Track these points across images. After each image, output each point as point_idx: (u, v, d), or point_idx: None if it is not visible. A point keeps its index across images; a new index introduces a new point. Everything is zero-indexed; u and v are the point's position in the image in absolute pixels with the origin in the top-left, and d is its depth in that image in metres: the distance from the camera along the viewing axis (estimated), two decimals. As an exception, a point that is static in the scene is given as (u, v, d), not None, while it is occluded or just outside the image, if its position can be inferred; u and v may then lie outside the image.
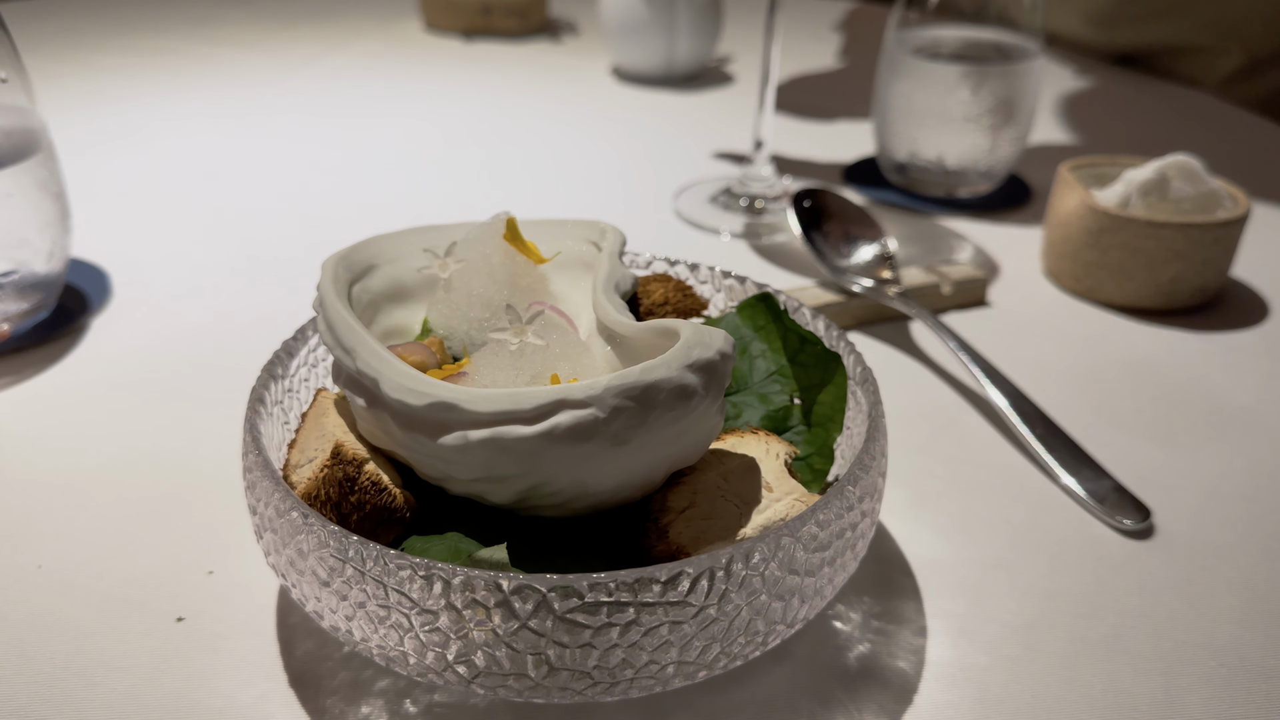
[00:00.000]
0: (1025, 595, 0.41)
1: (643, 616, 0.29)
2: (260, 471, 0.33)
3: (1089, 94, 1.00)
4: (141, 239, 0.68)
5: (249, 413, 0.35)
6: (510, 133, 0.89)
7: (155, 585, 0.40)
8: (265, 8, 1.23)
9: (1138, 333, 0.60)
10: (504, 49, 1.11)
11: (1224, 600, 0.41)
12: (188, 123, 0.88)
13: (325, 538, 0.30)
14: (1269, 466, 0.49)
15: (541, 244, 0.43)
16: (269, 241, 0.68)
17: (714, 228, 0.71)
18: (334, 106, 0.94)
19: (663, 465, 0.33)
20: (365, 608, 0.30)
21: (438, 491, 0.34)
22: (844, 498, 0.32)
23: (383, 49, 1.10)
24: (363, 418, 0.34)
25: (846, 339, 0.41)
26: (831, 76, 1.05)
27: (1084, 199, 0.61)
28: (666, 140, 0.87)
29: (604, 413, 0.30)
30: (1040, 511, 0.46)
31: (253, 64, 1.04)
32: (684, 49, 0.98)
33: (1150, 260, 0.59)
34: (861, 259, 0.61)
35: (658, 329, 0.35)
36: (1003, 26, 0.71)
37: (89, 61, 1.02)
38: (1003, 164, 0.74)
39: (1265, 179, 0.80)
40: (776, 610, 0.31)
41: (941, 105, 0.71)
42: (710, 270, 0.45)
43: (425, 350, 0.37)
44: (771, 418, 0.39)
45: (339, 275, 0.38)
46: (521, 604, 0.28)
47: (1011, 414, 0.50)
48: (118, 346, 0.56)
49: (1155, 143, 0.86)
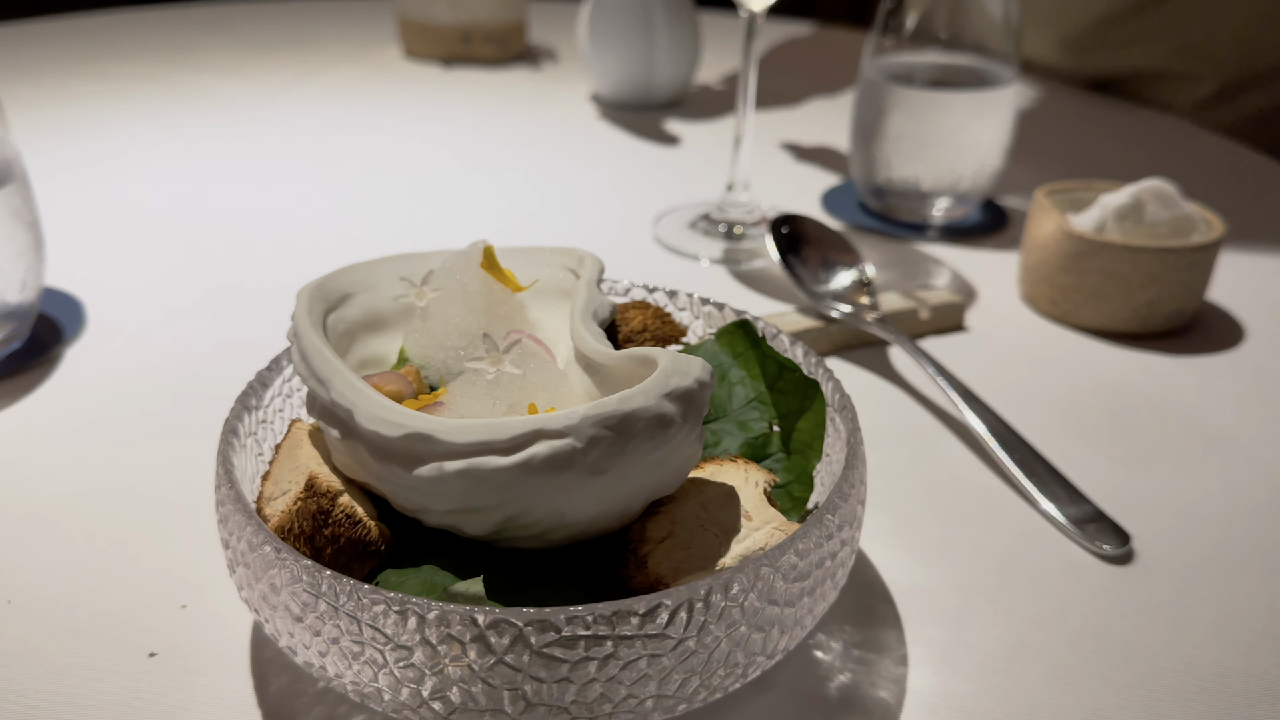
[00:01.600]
0: (1006, 622, 0.41)
1: (621, 650, 0.29)
2: (233, 505, 0.32)
3: (1064, 119, 1.01)
4: (117, 268, 0.67)
5: (222, 444, 0.35)
6: (489, 159, 0.89)
7: (127, 620, 0.39)
8: (244, 34, 1.23)
9: (1115, 357, 0.60)
10: (483, 76, 1.11)
11: (1205, 625, 0.41)
12: (164, 150, 0.88)
13: (298, 572, 0.30)
14: (1247, 489, 0.49)
15: (519, 271, 0.43)
16: (245, 270, 0.68)
17: (693, 254, 0.72)
18: (312, 134, 0.94)
19: (641, 495, 0.33)
20: (339, 643, 0.30)
21: (414, 524, 0.34)
22: (823, 526, 0.32)
23: (362, 76, 1.10)
24: (337, 449, 0.34)
25: (825, 365, 0.41)
26: (808, 102, 1.06)
27: (1060, 224, 0.61)
28: (646, 166, 0.88)
29: (581, 442, 0.30)
30: (1020, 537, 0.45)
31: (230, 91, 1.04)
32: (662, 75, 0.98)
33: (1126, 284, 0.60)
34: (839, 284, 0.61)
35: (636, 357, 0.35)
36: (978, 53, 0.71)
37: (65, 88, 1.02)
38: (979, 189, 0.75)
39: (1239, 203, 0.81)
40: (756, 641, 0.31)
41: (917, 131, 0.71)
42: (689, 297, 0.45)
43: (401, 380, 0.37)
44: (750, 445, 0.39)
45: (314, 305, 0.37)
46: (497, 638, 0.28)
47: (990, 439, 0.50)
48: (91, 376, 0.55)
49: (1130, 167, 0.87)
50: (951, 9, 0.70)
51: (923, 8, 0.70)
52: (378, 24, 1.28)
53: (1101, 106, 1.05)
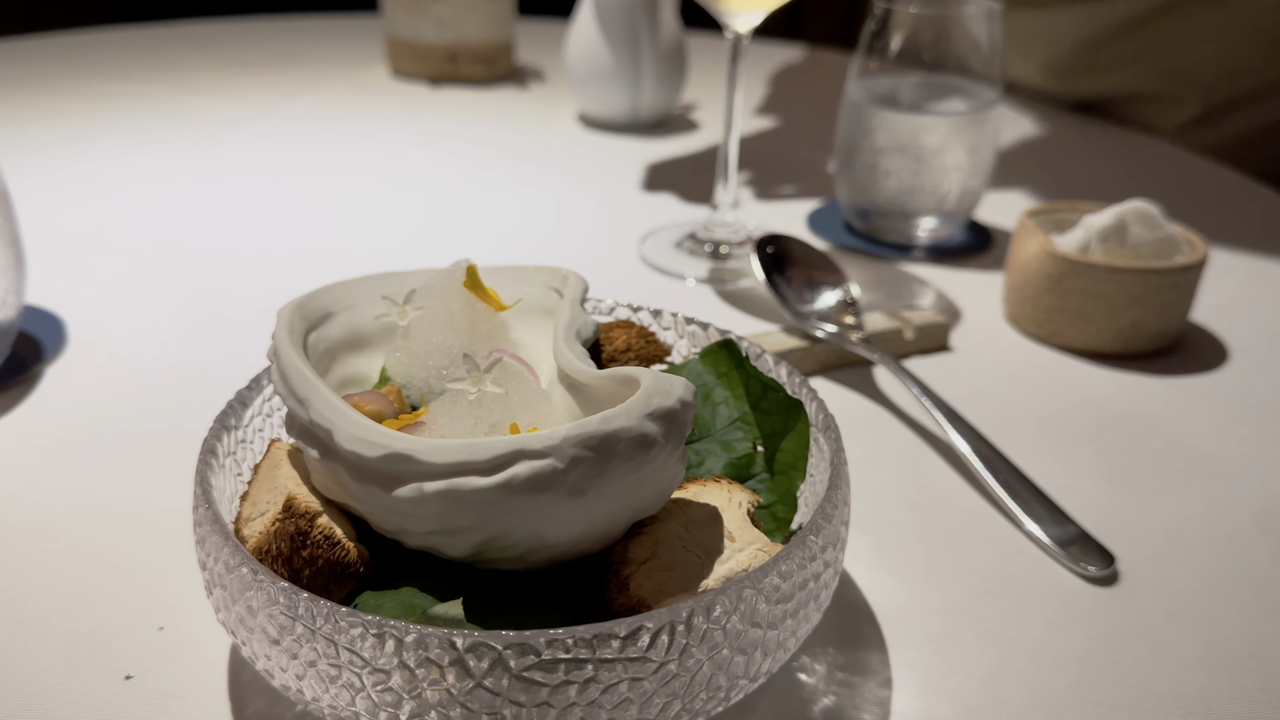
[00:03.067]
0: (990, 644, 0.40)
1: (601, 673, 0.28)
2: (210, 525, 0.32)
3: (1048, 140, 1.02)
4: (98, 286, 0.67)
5: (200, 464, 0.35)
6: (474, 179, 0.89)
7: (103, 641, 0.39)
8: (230, 53, 1.23)
9: (1099, 377, 0.60)
10: (470, 95, 1.11)
11: (1189, 647, 0.41)
12: (148, 168, 0.88)
13: (275, 594, 0.29)
14: (1231, 510, 0.49)
15: (502, 290, 0.42)
16: (228, 289, 0.68)
17: (679, 273, 0.71)
18: (297, 152, 0.93)
19: (623, 516, 0.33)
20: (316, 666, 0.29)
21: (393, 545, 0.33)
22: (806, 548, 0.32)
23: (348, 94, 1.10)
24: (316, 469, 0.33)
25: (809, 385, 0.40)
26: (793, 122, 1.06)
27: (1044, 245, 0.62)
28: (632, 186, 0.88)
29: (562, 463, 0.30)
30: (1004, 558, 0.45)
31: (216, 109, 1.04)
32: (649, 96, 0.99)
33: (1110, 305, 0.60)
34: (824, 304, 0.61)
35: (618, 377, 0.34)
36: (962, 75, 0.72)
37: (49, 106, 1.02)
38: (963, 211, 0.75)
39: (1222, 224, 0.81)
40: (739, 664, 0.31)
41: (902, 152, 0.72)
42: (673, 316, 0.45)
43: (382, 399, 0.37)
44: (734, 465, 0.39)
45: (294, 323, 0.37)
46: (476, 662, 0.28)
47: (974, 459, 0.50)
48: (71, 395, 0.55)
49: (1113, 189, 0.88)
50: (935, 32, 0.70)
51: (907, 30, 0.71)
52: (365, 43, 1.28)
53: (1085, 128, 1.05)
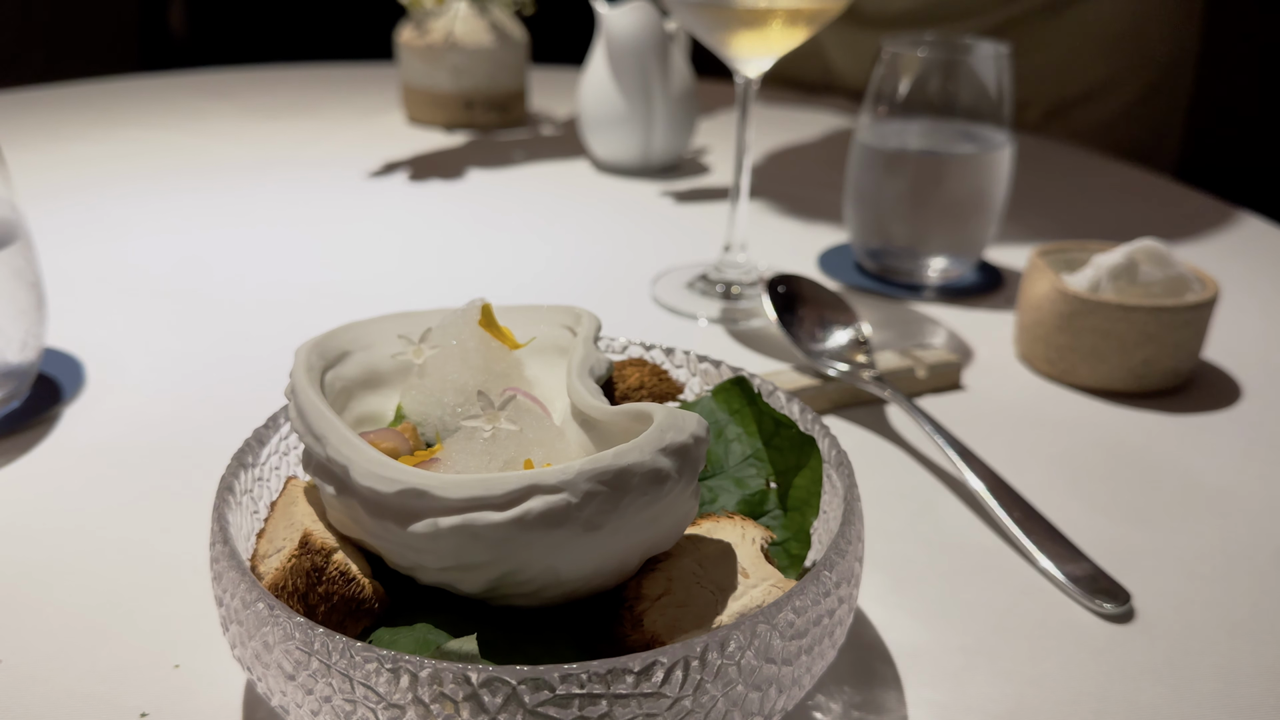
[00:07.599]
0: (1006, 681, 0.40)
1: (616, 709, 0.28)
2: (227, 562, 0.32)
3: (1054, 179, 1.03)
4: (117, 328, 0.68)
5: (217, 502, 0.35)
6: (488, 223, 0.90)
7: (119, 679, 0.39)
8: (248, 100, 1.25)
9: (1112, 415, 0.60)
10: (485, 141, 1.13)
11: (1205, 684, 0.40)
12: (167, 213, 0.89)
13: (290, 630, 0.29)
14: (1246, 547, 0.49)
15: (517, 329, 0.43)
16: (246, 332, 0.68)
17: (691, 313, 0.72)
18: (315, 197, 0.95)
19: (637, 551, 0.33)
20: (331, 701, 0.29)
21: (408, 582, 0.33)
22: (821, 583, 0.32)
23: (365, 141, 1.11)
24: (332, 506, 0.34)
25: (822, 422, 0.41)
26: (805, 164, 1.07)
27: (1055, 283, 0.62)
28: (644, 228, 0.88)
29: (576, 498, 0.30)
30: (1020, 596, 0.45)
31: (233, 155, 1.05)
32: (660, 141, 1.00)
33: (1122, 343, 0.60)
34: (836, 343, 0.62)
35: (631, 413, 0.35)
36: (970, 118, 0.72)
37: (71, 152, 1.03)
38: (974, 251, 0.75)
39: (1234, 261, 0.81)
40: (754, 701, 0.31)
41: (913, 194, 0.72)
42: (686, 354, 0.46)
43: (397, 436, 0.37)
44: (747, 502, 0.39)
45: (312, 362, 0.38)
46: (491, 697, 0.28)
47: (988, 497, 0.50)
48: (89, 436, 0.56)
49: (1120, 227, 0.88)
50: (944, 75, 0.71)
51: (915, 73, 0.72)
52: (381, 91, 1.30)
53: (1090, 166, 1.06)
